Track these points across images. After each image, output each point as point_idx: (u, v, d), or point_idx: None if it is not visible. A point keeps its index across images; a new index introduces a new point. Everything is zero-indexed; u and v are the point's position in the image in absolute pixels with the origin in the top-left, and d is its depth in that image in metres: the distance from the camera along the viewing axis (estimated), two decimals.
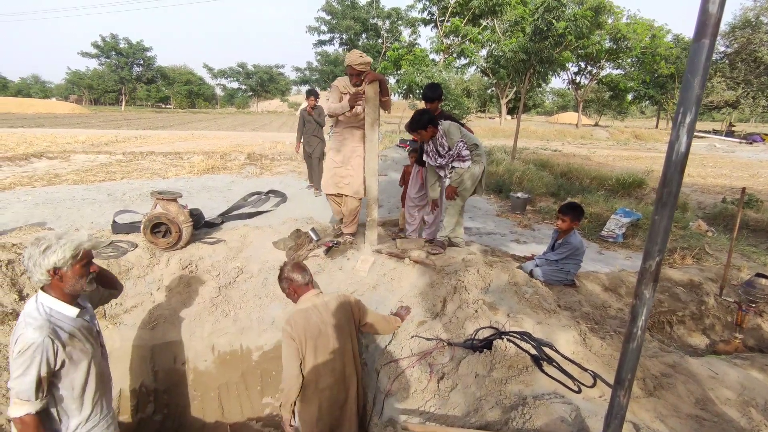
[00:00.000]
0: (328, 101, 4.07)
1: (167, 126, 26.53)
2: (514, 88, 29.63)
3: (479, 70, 28.20)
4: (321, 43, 34.07)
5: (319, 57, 38.02)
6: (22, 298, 3.18)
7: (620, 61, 33.37)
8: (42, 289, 1.89)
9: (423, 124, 3.80)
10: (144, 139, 17.26)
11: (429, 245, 4.10)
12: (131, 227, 4.26)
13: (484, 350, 2.60)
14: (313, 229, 4.32)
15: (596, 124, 43.82)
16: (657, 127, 43.16)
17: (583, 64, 35.14)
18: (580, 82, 37.16)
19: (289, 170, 10.22)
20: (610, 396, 2.25)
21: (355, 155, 4.07)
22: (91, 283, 1.96)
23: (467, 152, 3.82)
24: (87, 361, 1.94)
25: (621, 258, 4.73)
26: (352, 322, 2.67)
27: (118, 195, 6.73)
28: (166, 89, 66.12)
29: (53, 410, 1.88)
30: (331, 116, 4.03)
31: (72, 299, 1.94)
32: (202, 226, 4.53)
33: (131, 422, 3.47)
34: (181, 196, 3.98)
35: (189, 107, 67.82)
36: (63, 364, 1.85)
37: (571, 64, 30.76)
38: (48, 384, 1.81)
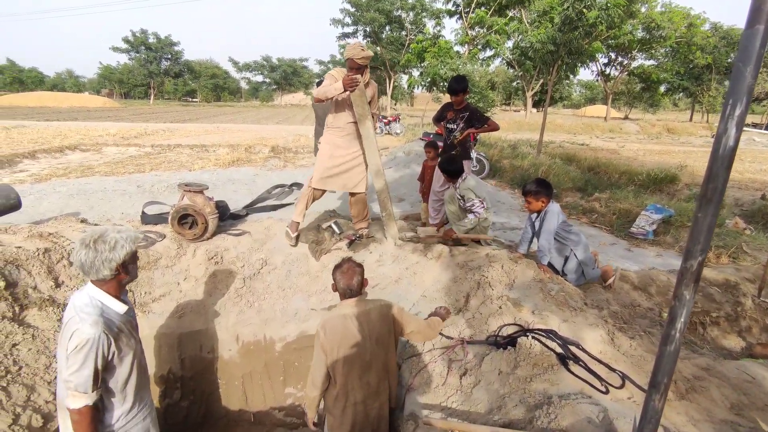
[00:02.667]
0: (318, 88, 3.73)
1: (194, 119, 27.07)
2: (541, 80, 28.90)
3: (504, 62, 27.63)
4: (344, 35, 33.97)
5: (342, 50, 38.02)
6: (58, 285, 3.30)
7: (653, 51, 32.10)
8: (93, 282, 1.94)
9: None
10: (171, 132, 17.65)
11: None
12: (159, 218, 4.36)
13: (508, 347, 2.56)
14: (336, 222, 4.33)
15: (626, 118, 42.47)
16: (691, 120, 41.48)
17: (613, 55, 33.99)
18: (609, 74, 35.98)
19: (311, 163, 10.27)
20: (639, 398, 2.19)
21: (351, 150, 3.91)
22: (137, 272, 2.11)
23: (481, 210, 3.87)
24: (131, 354, 2.03)
25: (651, 255, 4.57)
26: (392, 334, 2.49)
27: (146, 186, 6.91)
28: (193, 83, 67.36)
29: (100, 403, 1.96)
30: (321, 100, 3.65)
31: (119, 294, 2.03)
32: (227, 218, 4.60)
33: (159, 408, 3.57)
34: (208, 188, 4.05)
35: (214, 101, 68.99)
36: (113, 358, 1.93)
37: (600, 55, 29.82)
38: (102, 376, 1.90)
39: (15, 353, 2.67)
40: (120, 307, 2.00)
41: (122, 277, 1.98)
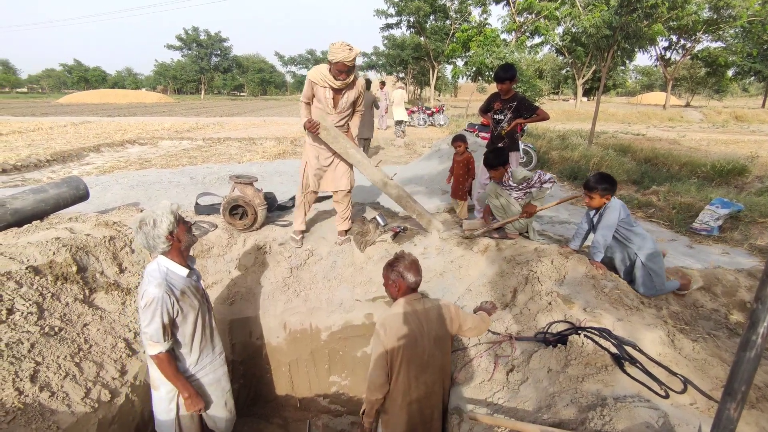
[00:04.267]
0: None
1: (242, 113, 27.98)
2: (593, 67, 27.48)
3: (554, 49, 26.50)
4: (388, 26, 33.79)
5: (385, 41, 37.87)
6: (122, 270, 3.52)
7: (721, 32, 29.63)
8: (162, 254, 2.28)
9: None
10: (221, 125, 18.34)
11: (500, 231, 3.97)
12: (211, 209, 4.55)
13: (558, 345, 2.47)
14: (380, 214, 4.35)
15: (687, 105, 39.61)
16: (764, 106, 38.08)
17: (675, 38, 31.64)
18: (670, 58, 33.60)
19: None
20: (703, 404, 2.06)
21: (338, 158, 3.87)
22: (193, 234, 2.40)
23: (547, 178, 3.75)
24: (194, 314, 2.36)
25: (716, 253, 4.27)
26: (450, 334, 2.45)
27: (199, 178, 7.23)
28: (240, 77, 69.59)
29: (173, 352, 2.34)
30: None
31: (184, 261, 2.35)
32: (275, 209, 4.73)
33: None
34: (257, 180, 4.17)
35: (261, 94, 70.98)
36: (177, 315, 2.26)
37: (661, 38, 27.83)
38: (170, 330, 2.25)
39: (86, 332, 2.88)
40: (182, 271, 2.32)
41: (178, 245, 2.28)
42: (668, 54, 33.33)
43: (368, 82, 11.36)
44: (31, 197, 4.18)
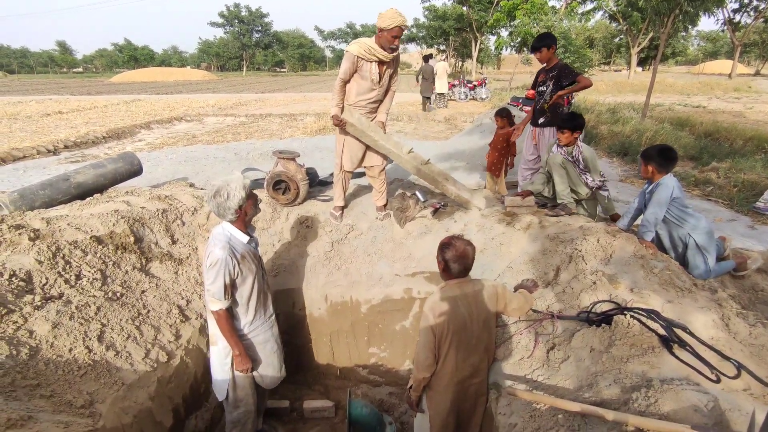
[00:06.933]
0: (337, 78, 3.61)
1: (282, 89, 28.29)
2: (650, 34, 25.54)
3: (607, 15, 24.82)
4: None
5: (426, 12, 36.78)
6: (174, 242, 3.73)
7: None
8: (228, 221, 2.51)
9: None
10: (263, 101, 18.65)
11: (551, 209, 3.87)
12: (256, 183, 4.69)
13: (602, 325, 2.42)
14: (420, 190, 4.33)
15: (757, 73, 36.27)
16: None
17: None
18: (739, 22, 30.71)
19: (395, 131, 10.28)
20: (757, 390, 1.97)
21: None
22: (258, 207, 2.65)
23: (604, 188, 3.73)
24: (252, 277, 2.58)
25: None
26: (496, 314, 2.48)
27: (243, 154, 7.44)
28: (281, 53, 70.05)
29: (231, 310, 2.57)
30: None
31: (245, 229, 2.59)
32: (316, 184, 4.81)
33: None
34: (300, 156, 4.24)
35: (301, 70, 71.28)
36: (237, 276, 2.48)
37: (730, 0, 25.36)
38: (231, 289, 2.47)
39: (144, 299, 3.10)
40: (243, 237, 2.56)
41: (243, 216, 2.53)
42: (737, 17, 30.45)
43: (426, 57, 14.62)
44: (92, 172, 4.46)
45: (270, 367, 2.86)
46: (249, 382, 2.78)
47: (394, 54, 3.50)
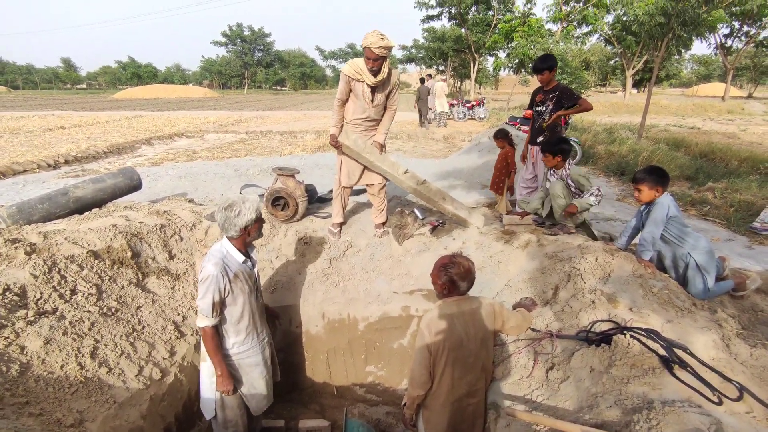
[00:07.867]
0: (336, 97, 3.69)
1: (283, 107, 28.58)
2: (644, 57, 26.03)
3: (602, 38, 25.36)
4: (429, 18, 33.41)
5: (426, 33, 37.51)
6: (171, 257, 3.71)
7: None
8: (227, 237, 2.50)
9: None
10: (263, 119, 18.82)
11: (549, 227, 3.87)
12: None
13: (602, 345, 2.39)
14: (419, 207, 4.34)
15: (749, 96, 36.87)
16: None
17: (737, 24, 29.52)
18: (731, 46, 31.38)
19: (394, 149, 10.36)
20: (760, 413, 1.94)
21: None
22: (261, 231, 2.61)
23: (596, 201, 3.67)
24: (243, 298, 2.53)
25: None
26: (493, 333, 2.45)
27: (242, 170, 7.46)
28: (282, 72, 71.03)
29: (219, 329, 2.53)
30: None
31: (244, 249, 2.57)
32: (315, 201, 4.82)
33: None
34: (299, 173, 4.26)
35: (301, 89, 72.19)
36: (228, 295, 2.44)
37: (722, 25, 25.94)
38: (219, 307, 2.43)
39: (139, 314, 3.07)
40: (239, 257, 2.51)
41: (245, 237, 2.50)
42: (729, 41, 31.14)
43: (423, 80, 15.58)
44: (91, 186, 4.47)
45: (256, 389, 2.76)
46: (237, 402, 2.70)
47: (378, 78, 3.41)
